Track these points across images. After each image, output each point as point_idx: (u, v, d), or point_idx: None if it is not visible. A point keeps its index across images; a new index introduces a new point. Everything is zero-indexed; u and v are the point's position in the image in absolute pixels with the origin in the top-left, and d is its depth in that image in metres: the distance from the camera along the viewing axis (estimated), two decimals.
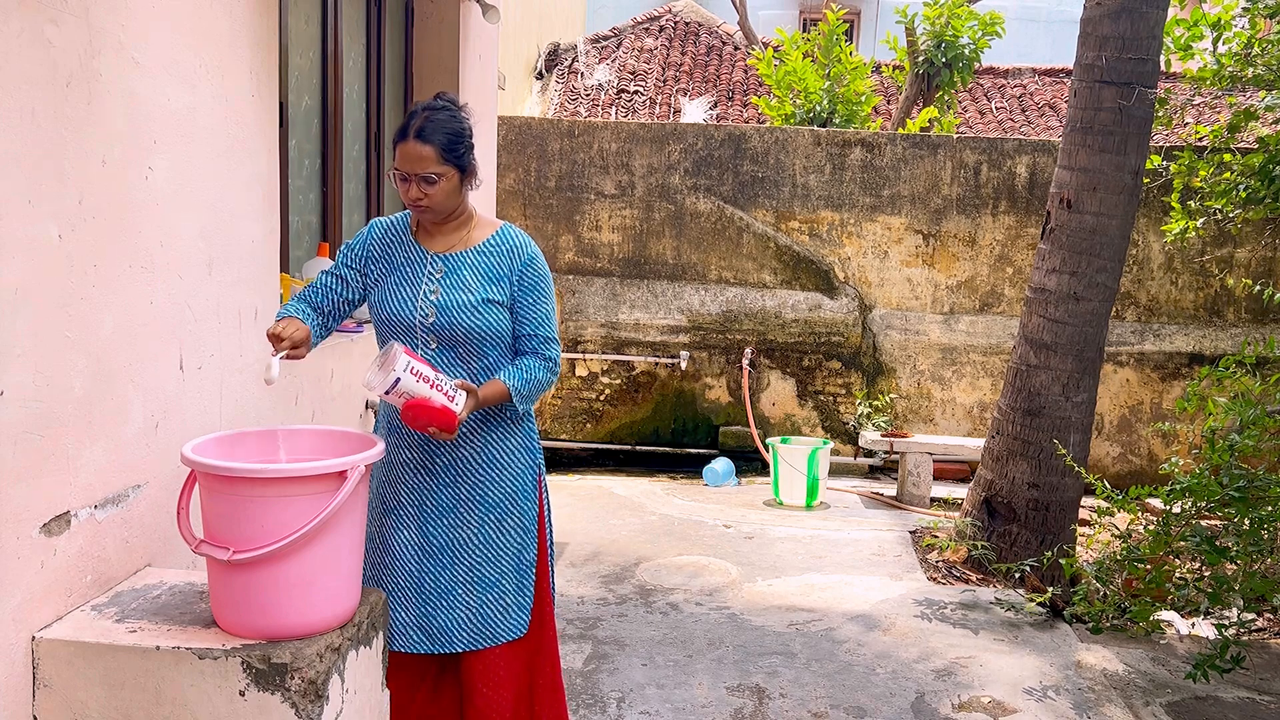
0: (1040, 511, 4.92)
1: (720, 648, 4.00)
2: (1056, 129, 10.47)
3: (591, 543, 5.32)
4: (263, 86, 3.09)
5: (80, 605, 2.25)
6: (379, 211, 4.80)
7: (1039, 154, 7.43)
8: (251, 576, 2.10)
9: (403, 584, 2.59)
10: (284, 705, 2.04)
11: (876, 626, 4.29)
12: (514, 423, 2.64)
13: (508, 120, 7.51)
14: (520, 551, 2.64)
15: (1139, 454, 7.44)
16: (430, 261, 2.57)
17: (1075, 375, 4.89)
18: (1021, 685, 3.78)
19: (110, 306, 2.34)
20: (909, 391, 7.56)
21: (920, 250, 7.54)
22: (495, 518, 2.60)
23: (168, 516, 2.56)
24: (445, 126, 2.48)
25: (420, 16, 5.13)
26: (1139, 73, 4.74)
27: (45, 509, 2.13)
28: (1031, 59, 13.55)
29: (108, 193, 2.32)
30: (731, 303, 7.51)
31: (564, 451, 7.54)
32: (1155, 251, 7.41)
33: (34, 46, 2.05)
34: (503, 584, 2.60)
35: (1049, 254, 4.95)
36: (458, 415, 2.38)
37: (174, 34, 2.58)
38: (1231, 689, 3.81)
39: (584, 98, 11.29)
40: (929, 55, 9.26)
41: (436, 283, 2.55)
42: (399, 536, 2.60)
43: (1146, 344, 7.40)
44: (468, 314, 2.52)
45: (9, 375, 2.00)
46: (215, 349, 2.85)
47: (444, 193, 2.50)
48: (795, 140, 7.54)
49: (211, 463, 2.10)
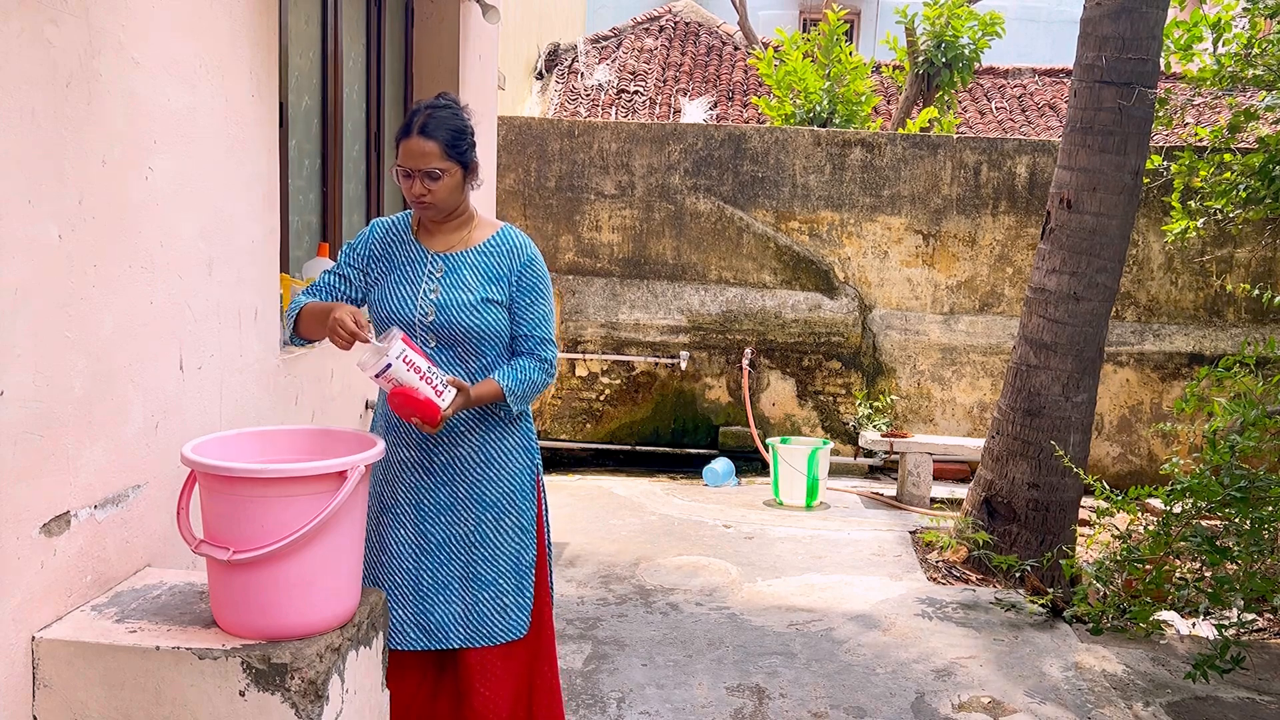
0: (1040, 511, 4.92)
1: (720, 648, 4.00)
2: (1056, 129, 10.47)
3: (591, 543, 5.32)
4: (263, 86, 3.09)
5: (80, 605, 2.25)
6: (379, 211, 4.79)
7: (1039, 154, 7.43)
8: (251, 576, 2.09)
9: (399, 581, 2.60)
10: (284, 705, 2.04)
11: (876, 626, 4.29)
12: (511, 422, 2.64)
13: (508, 120, 7.51)
14: (519, 552, 2.64)
15: (1139, 454, 7.45)
16: (431, 260, 2.58)
17: (1075, 375, 4.89)
18: (1021, 685, 3.78)
19: (110, 306, 2.34)
20: (909, 391, 7.56)
21: (920, 250, 7.54)
22: (493, 517, 2.60)
23: (168, 516, 2.56)
24: (448, 123, 2.50)
25: (420, 16, 5.13)
26: (1139, 73, 4.74)
27: (45, 509, 2.13)
28: (1031, 59, 13.55)
29: (108, 193, 2.31)
30: (731, 303, 7.51)
31: (564, 452, 7.54)
32: (1155, 251, 7.41)
33: (34, 46, 2.05)
34: (500, 583, 2.60)
35: (1049, 254, 4.95)
36: (441, 410, 2.37)
37: (174, 34, 2.58)
38: (1231, 689, 3.81)
39: (584, 98, 11.29)
40: (929, 55, 9.26)
41: (436, 282, 2.55)
42: (396, 534, 2.60)
43: (1146, 344, 7.40)
44: (467, 313, 2.53)
45: (9, 375, 2.00)
46: (215, 349, 2.85)
47: (447, 189, 2.51)
48: (795, 140, 7.54)
49: (211, 463, 2.10)
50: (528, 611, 2.65)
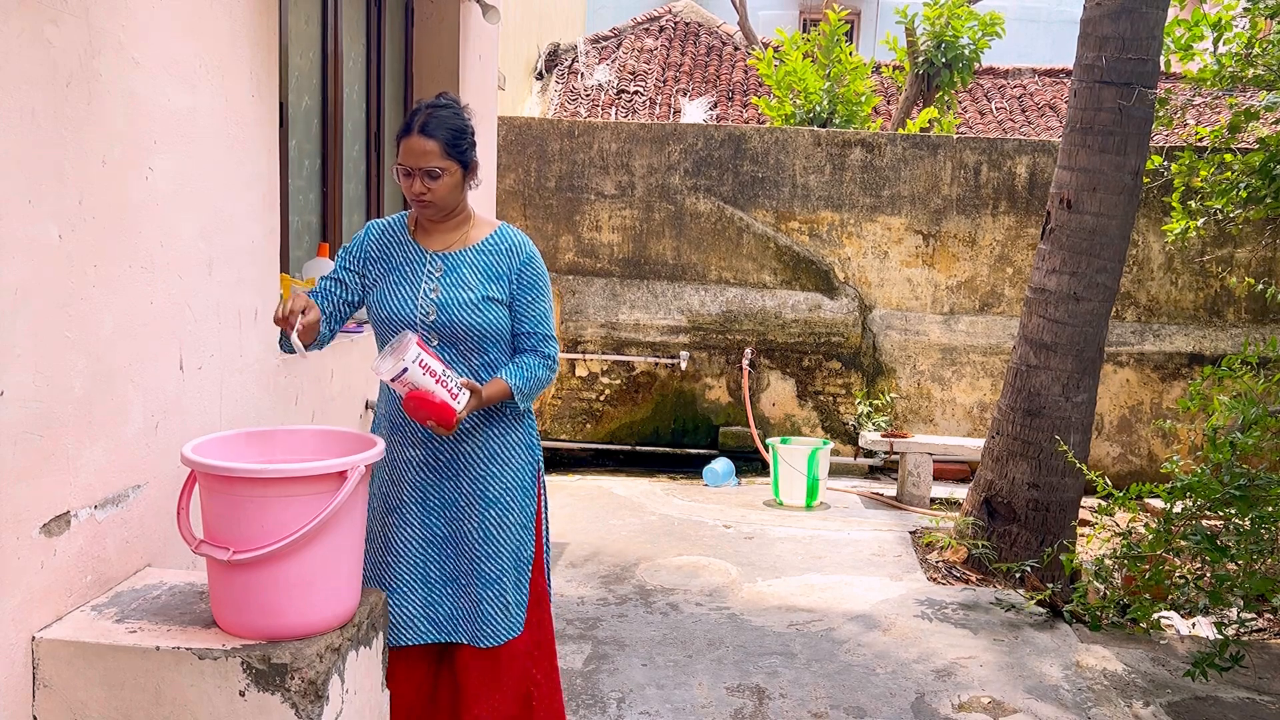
0: (1040, 512, 4.92)
1: (720, 648, 4.00)
2: (1056, 129, 10.47)
3: (591, 543, 5.32)
4: (263, 86, 3.09)
5: (80, 605, 2.25)
6: (379, 211, 4.79)
7: (1039, 154, 7.43)
8: (251, 576, 2.10)
9: (407, 578, 2.60)
10: (284, 705, 2.04)
11: (876, 626, 4.29)
12: (515, 419, 2.66)
13: (508, 120, 7.51)
14: (519, 548, 2.65)
15: (1139, 454, 7.44)
16: (430, 260, 2.59)
17: (1075, 375, 4.89)
18: (1021, 685, 3.78)
19: (110, 306, 2.34)
20: (909, 392, 7.56)
21: (920, 250, 7.54)
22: (496, 513, 2.61)
23: (168, 516, 2.56)
24: (449, 123, 2.51)
25: (420, 16, 5.13)
26: (1139, 73, 4.73)
27: (45, 509, 2.13)
28: (1031, 59, 13.55)
29: (108, 193, 2.32)
30: (731, 303, 7.51)
31: (564, 452, 7.54)
32: (1155, 251, 7.41)
33: (34, 46, 2.05)
34: (502, 581, 2.61)
35: (1049, 254, 4.95)
36: (457, 413, 2.39)
37: (174, 34, 2.58)
38: (1231, 689, 3.81)
39: (584, 98, 11.29)
40: (929, 55, 9.26)
41: (436, 281, 2.56)
42: (402, 534, 2.61)
43: (1146, 344, 7.40)
44: (468, 311, 2.53)
45: (9, 375, 2.00)
46: (215, 349, 2.85)
47: (446, 188, 2.52)
48: (795, 140, 7.54)
49: (211, 463, 2.10)
50: (524, 608, 2.66)
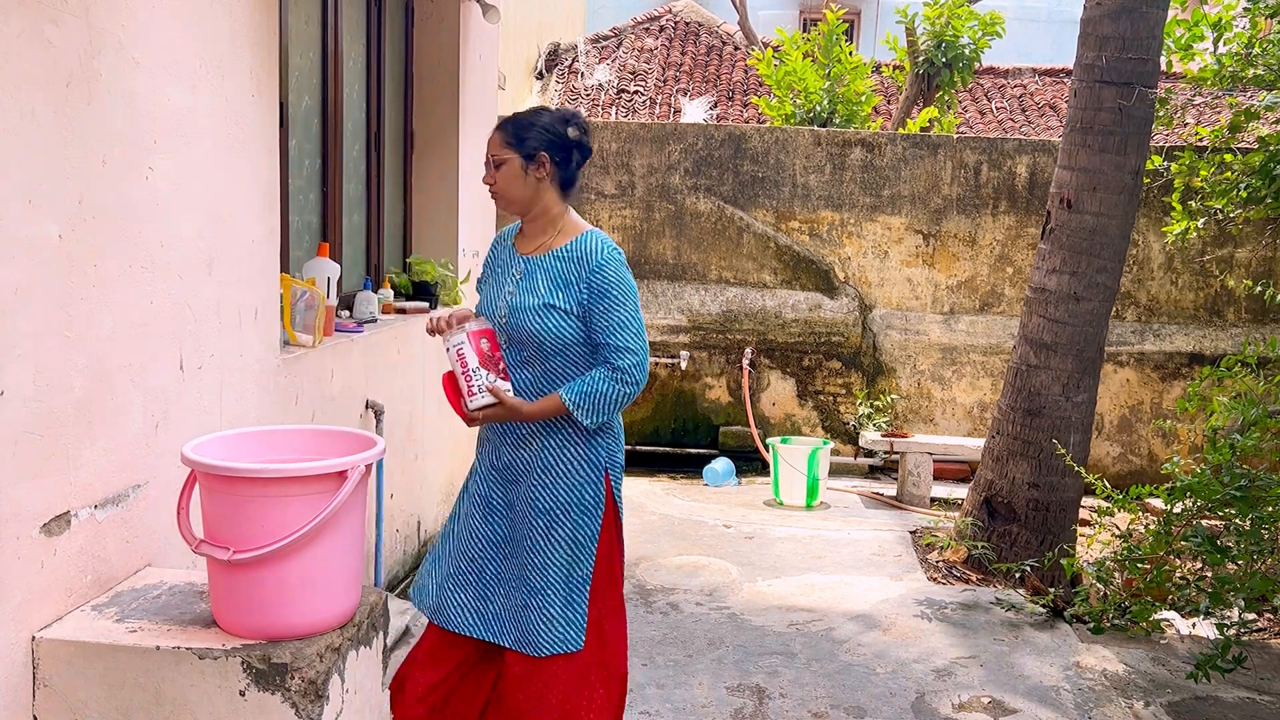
0: (1040, 511, 4.92)
1: (720, 648, 4.00)
2: (1056, 129, 10.47)
3: None
4: (263, 86, 3.09)
5: (80, 605, 2.25)
6: (379, 211, 4.79)
7: (1039, 154, 7.43)
8: (251, 576, 2.09)
9: (464, 569, 2.64)
10: (284, 705, 2.04)
11: (876, 626, 4.29)
12: (579, 434, 2.59)
13: None
14: (570, 565, 2.57)
15: (1139, 454, 7.44)
16: (516, 263, 2.66)
17: (1075, 375, 4.89)
18: (1021, 685, 3.78)
19: (110, 306, 2.34)
20: (909, 391, 7.55)
21: (920, 250, 7.54)
22: (544, 524, 2.57)
23: (168, 516, 2.56)
24: (521, 118, 2.62)
25: (420, 16, 5.13)
26: (1139, 73, 4.73)
27: (45, 509, 2.13)
28: (1031, 59, 13.55)
29: (108, 193, 2.31)
30: (731, 303, 7.51)
31: None
32: (1155, 251, 7.41)
33: (34, 46, 2.05)
34: (548, 593, 2.54)
35: (1049, 254, 4.95)
36: (466, 411, 2.50)
37: (174, 34, 2.58)
38: (1232, 689, 3.81)
39: (584, 98, 11.29)
40: (929, 55, 9.26)
41: (515, 284, 2.62)
42: (469, 524, 2.66)
43: (1146, 344, 7.40)
44: (529, 317, 2.55)
45: (9, 375, 2.00)
46: (215, 349, 2.85)
47: (505, 177, 2.59)
48: (795, 140, 7.54)
49: (211, 463, 2.10)
50: (578, 627, 2.56)
